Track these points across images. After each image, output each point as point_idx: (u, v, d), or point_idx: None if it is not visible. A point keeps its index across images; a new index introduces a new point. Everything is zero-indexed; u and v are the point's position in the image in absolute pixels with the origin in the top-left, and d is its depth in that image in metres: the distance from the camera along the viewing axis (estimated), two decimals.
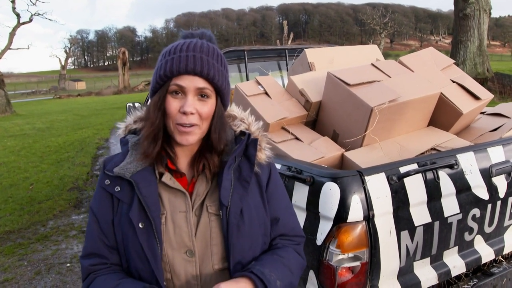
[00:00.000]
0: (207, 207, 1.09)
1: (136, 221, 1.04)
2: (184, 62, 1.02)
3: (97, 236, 1.10)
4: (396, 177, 1.69)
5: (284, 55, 3.99)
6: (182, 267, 1.06)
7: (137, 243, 1.03)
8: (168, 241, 1.05)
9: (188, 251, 1.06)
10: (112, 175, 1.09)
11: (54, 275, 3.74)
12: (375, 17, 57.50)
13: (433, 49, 2.83)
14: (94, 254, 1.10)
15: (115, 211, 1.09)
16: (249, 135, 1.15)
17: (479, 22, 15.04)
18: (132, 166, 1.08)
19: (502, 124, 2.50)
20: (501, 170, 2.01)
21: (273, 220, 1.18)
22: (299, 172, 1.78)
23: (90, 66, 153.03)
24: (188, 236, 1.06)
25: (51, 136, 12.16)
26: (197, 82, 1.03)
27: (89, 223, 1.13)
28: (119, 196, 1.08)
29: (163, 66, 1.04)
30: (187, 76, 1.02)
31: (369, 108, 2.03)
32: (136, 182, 1.06)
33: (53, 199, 5.94)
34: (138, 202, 1.05)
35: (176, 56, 1.03)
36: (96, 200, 1.13)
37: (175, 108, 1.03)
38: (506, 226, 2.12)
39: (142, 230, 1.03)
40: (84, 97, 33.36)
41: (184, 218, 1.07)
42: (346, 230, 1.60)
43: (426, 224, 1.79)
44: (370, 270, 1.67)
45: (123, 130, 1.21)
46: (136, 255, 1.05)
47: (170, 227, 1.06)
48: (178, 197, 1.09)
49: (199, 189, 1.10)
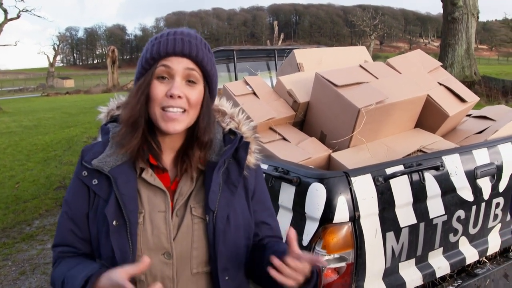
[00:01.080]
0: (191, 209, 1.04)
1: (110, 219, 0.99)
2: (172, 44, 0.98)
3: (69, 227, 1.06)
4: (382, 178, 1.70)
5: (273, 56, 4.00)
6: (159, 269, 1.01)
7: (109, 241, 0.99)
8: (145, 242, 1.01)
9: (165, 253, 1.01)
10: (90, 167, 1.03)
11: (39, 275, 3.69)
12: (365, 19, 57.89)
13: (421, 51, 2.85)
14: (65, 244, 1.07)
15: (90, 205, 1.05)
16: (241, 137, 1.10)
17: (467, 25, 15.25)
18: (111, 159, 1.03)
19: (487, 127, 2.52)
20: (486, 172, 2.04)
21: (260, 223, 1.15)
22: (286, 172, 1.77)
23: (79, 64, 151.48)
24: (166, 237, 1.01)
25: (38, 134, 11.99)
26: (186, 63, 0.99)
27: (62, 213, 1.09)
28: (96, 190, 1.03)
29: (149, 49, 1.00)
30: (175, 58, 0.99)
31: (356, 109, 2.04)
32: (114, 177, 1.01)
33: (39, 198, 5.87)
34: (114, 199, 1.00)
35: (164, 39, 0.99)
36: (70, 191, 1.08)
37: (162, 91, 0.98)
38: (490, 227, 2.15)
39: (115, 228, 0.98)
40: (72, 95, 32.97)
41: (163, 219, 1.02)
42: (332, 231, 1.60)
43: (411, 225, 1.80)
44: (356, 271, 1.67)
45: (104, 115, 1.15)
46: (105, 254, 1.00)
47: (148, 227, 1.01)
48: (157, 195, 1.04)
49: (182, 188, 1.05)
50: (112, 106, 1.16)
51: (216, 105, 1.17)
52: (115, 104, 1.15)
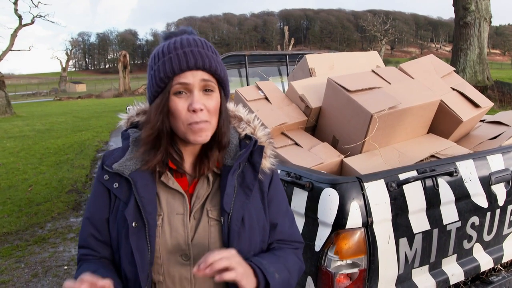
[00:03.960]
0: (208, 212, 1.06)
1: (130, 220, 1.02)
2: (184, 59, 0.98)
3: (89, 231, 1.10)
4: (395, 184, 1.68)
5: (284, 61, 4.00)
6: (177, 271, 1.04)
7: (128, 243, 1.02)
8: (163, 244, 1.03)
9: (183, 254, 1.04)
10: (111, 171, 1.07)
11: (51, 277, 3.72)
12: (376, 24, 57.73)
13: (433, 56, 2.83)
14: (85, 247, 1.11)
15: (111, 208, 1.08)
16: (256, 141, 1.12)
17: (479, 30, 15.11)
18: (131, 163, 1.06)
19: (502, 132, 2.50)
20: (501, 178, 2.01)
21: (271, 225, 1.16)
22: (298, 177, 1.77)
23: (91, 68, 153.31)
24: (184, 239, 1.04)
25: (51, 138, 12.15)
26: (200, 75, 1.00)
27: (84, 217, 1.13)
28: (117, 193, 1.06)
29: (161, 68, 1.00)
30: (189, 72, 0.99)
31: (369, 115, 2.03)
32: (134, 180, 1.04)
33: (52, 201, 5.93)
34: (134, 201, 1.03)
35: (173, 55, 0.99)
36: (92, 196, 1.12)
37: (183, 107, 0.99)
38: (505, 234, 2.12)
39: (134, 230, 1.01)
40: (84, 100, 33.39)
41: (181, 221, 1.05)
42: (344, 237, 1.59)
43: (425, 231, 1.78)
44: (368, 277, 1.66)
45: (125, 122, 1.18)
46: (125, 255, 1.03)
47: (166, 229, 1.04)
48: (176, 198, 1.06)
49: (199, 191, 1.08)
50: (132, 113, 1.19)
51: (233, 111, 1.19)
52: (135, 111, 1.19)
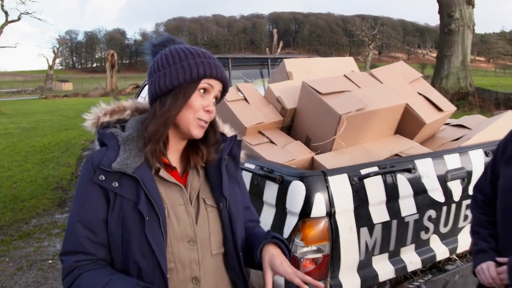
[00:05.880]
0: (204, 200, 1.19)
1: (145, 214, 1.06)
2: (215, 68, 1.15)
3: (83, 233, 1.08)
4: (357, 178, 1.86)
5: (266, 64, 4.17)
6: (186, 255, 1.14)
7: (143, 236, 1.06)
8: (173, 233, 1.12)
9: (190, 240, 1.14)
10: (110, 171, 1.08)
11: (35, 271, 3.81)
12: (364, 29, 58.25)
13: (403, 63, 3.03)
14: (78, 251, 1.08)
15: (110, 207, 1.09)
16: (236, 136, 1.30)
17: (463, 37, 15.45)
18: (131, 161, 1.10)
19: (463, 135, 2.70)
20: (456, 176, 2.20)
21: (245, 208, 1.34)
22: (270, 171, 1.94)
23: (78, 67, 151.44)
24: (190, 227, 1.15)
25: (36, 136, 12.12)
26: (219, 86, 1.18)
27: (72, 221, 1.10)
28: (118, 192, 1.08)
29: (195, 66, 1.12)
30: (215, 80, 1.16)
31: (337, 116, 2.21)
32: (140, 177, 1.09)
33: (37, 198, 5.99)
34: (145, 197, 1.08)
35: (207, 60, 1.14)
36: (82, 196, 1.10)
37: (201, 104, 1.14)
38: (460, 227, 2.31)
39: (149, 223, 1.06)
40: (70, 98, 33.07)
41: (185, 211, 1.15)
42: (310, 225, 1.76)
43: (384, 222, 1.96)
44: (332, 262, 1.83)
45: (93, 122, 1.21)
46: (139, 249, 1.07)
47: (173, 220, 1.13)
48: (174, 190, 1.15)
49: (192, 182, 1.20)
50: (98, 113, 1.22)
51: None
52: (99, 111, 1.23)
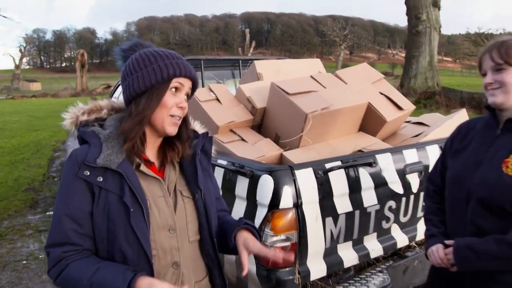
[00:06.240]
0: (181, 192, 1.29)
1: (130, 206, 1.15)
2: (183, 67, 1.23)
3: (70, 226, 1.15)
4: (322, 172, 2.01)
5: (238, 65, 4.30)
6: (167, 243, 1.23)
7: (128, 227, 1.15)
8: (155, 223, 1.21)
9: (170, 228, 1.24)
10: (95, 166, 1.16)
11: (9, 272, 3.80)
12: (335, 29, 59.05)
13: (366, 65, 3.21)
14: (65, 243, 1.15)
15: (96, 200, 1.16)
16: (207, 132, 1.42)
17: (430, 38, 16.00)
18: (114, 157, 1.18)
19: (422, 132, 2.90)
20: (414, 169, 2.38)
21: (216, 198, 1.46)
22: (241, 167, 2.07)
23: (47, 66, 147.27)
24: (170, 216, 1.24)
25: (4, 137, 11.81)
26: (189, 84, 1.28)
27: (58, 215, 1.17)
28: (103, 186, 1.16)
29: (165, 67, 1.21)
30: (185, 79, 1.25)
31: (304, 114, 2.35)
32: (124, 172, 1.17)
33: (8, 199, 5.90)
34: (129, 190, 1.16)
35: (178, 61, 1.23)
36: (68, 191, 1.17)
37: (174, 102, 1.22)
38: (419, 217, 2.49)
39: (133, 214, 1.15)
40: (39, 99, 32.21)
41: (164, 202, 1.25)
42: (278, 215, 1.90)
43: (348, 212, 2.12)
44: (299, 250, 1.97)
45: (71, 121, 1.29)
46: (124, 238, 1.15)
47: (155, 210, 1.22)
48: (153, 183, 1.25)
49: (170, 176, 1.29)
50: (76, 112, 1.30)
51: None
52: (77, 110, 1.30)
